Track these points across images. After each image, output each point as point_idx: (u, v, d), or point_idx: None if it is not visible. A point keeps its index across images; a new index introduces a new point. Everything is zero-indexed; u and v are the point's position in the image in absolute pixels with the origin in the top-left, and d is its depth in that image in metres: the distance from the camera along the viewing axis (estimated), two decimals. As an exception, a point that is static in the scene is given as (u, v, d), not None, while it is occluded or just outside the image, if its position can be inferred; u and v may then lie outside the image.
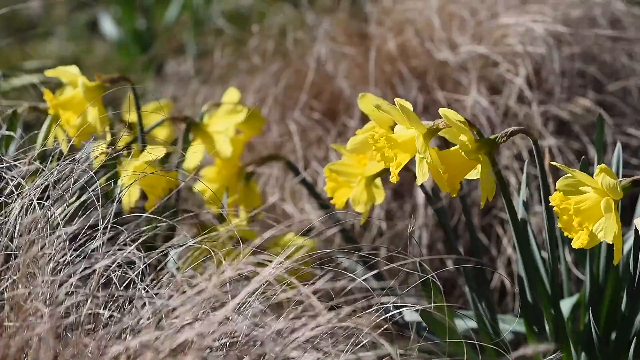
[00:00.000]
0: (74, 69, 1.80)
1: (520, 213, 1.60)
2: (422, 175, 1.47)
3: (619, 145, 1.63)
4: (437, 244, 2.23)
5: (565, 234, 1.44)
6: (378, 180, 1.68)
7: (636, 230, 1.52)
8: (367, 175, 1.66)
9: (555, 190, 1.45)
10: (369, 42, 2.46)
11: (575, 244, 1.43)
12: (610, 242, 1.42)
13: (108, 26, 3.52)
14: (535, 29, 2.30)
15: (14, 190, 1.41)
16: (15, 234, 1.35)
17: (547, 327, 1.62)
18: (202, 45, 3.16)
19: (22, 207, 1.36)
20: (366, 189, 1.67)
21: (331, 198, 1.70)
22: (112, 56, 3.45)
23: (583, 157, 1.54)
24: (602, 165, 1.42)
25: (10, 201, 1.41)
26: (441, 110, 1.47)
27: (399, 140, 1.50)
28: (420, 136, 1.48)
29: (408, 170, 1.75)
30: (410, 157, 1.51)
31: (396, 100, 1.48)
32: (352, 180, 1.68)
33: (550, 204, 1.45)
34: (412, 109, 1.48)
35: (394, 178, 1.50)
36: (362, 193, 1.67)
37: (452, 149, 1.51)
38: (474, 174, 1.52)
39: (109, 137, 1.80)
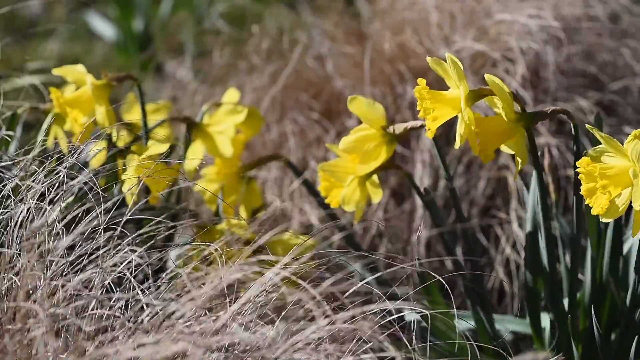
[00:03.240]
0: (80, 68, 1.81)
1: (530, 222, 1.60)
2: (460, 138, 1.48)
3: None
4: (437, 244, 2.23)
5: (587, 201, 1.42)
6: (375, 179, 1.68)
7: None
8: (360, 174, 1.66)
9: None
10: (367, 42, 2.46)
11: (595, 210, 1.40)
12: (638, 209, 1.39)
13: (100, 26, 3.52)
14: (532, 27, 2.29)
15: (12, 193, 1.41)
16: (17, 235, 1.35)
17: (547, 329, 1.62)
18: (201, 45, 3.15)
19: (25, 208, 1.36)
20: (359, 187, 1.67)
21: (326, 197, 1.70)
22: (111, 56, 3.45)
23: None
24: (637, 131, 1.40)
25: (7, 201, 1.41)
26: (487, 76, 1.47)
27: (447, 96, 1.50)
28: (463, 94, 1.48)
29: (405, 168, 1.75)
30: (449, 117, 1.50)
31: (447, 55, 1.48)
32: (345, 179, 1.68)
33: (580, 194, 1.43)
34: (462, 67, 1.48)
35: (429, 133, 1.50)
36: (354, 192, 1.67)
37: (490, 116, 1.51)
38: (507, 147, 1.52)
39: (115, 137, 1.80)
